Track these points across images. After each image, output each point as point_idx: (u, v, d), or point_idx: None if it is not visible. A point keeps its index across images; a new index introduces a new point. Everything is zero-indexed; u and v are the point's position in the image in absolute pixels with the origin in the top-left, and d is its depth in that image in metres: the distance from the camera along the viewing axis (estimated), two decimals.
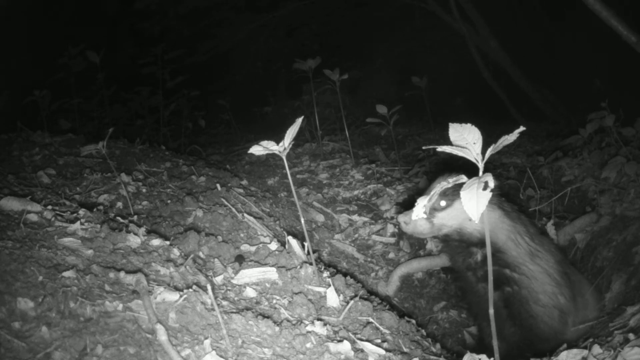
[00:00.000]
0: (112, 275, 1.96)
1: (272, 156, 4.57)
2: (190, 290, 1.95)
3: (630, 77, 5.43)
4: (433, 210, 2.50)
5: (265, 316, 1.98)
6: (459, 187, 2.46)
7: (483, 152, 1.49)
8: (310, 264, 2.37)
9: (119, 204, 2.86)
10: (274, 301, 2.14)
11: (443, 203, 2.49)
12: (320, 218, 3.80)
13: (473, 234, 2.51)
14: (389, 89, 8.04)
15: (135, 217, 2.70)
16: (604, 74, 6.60)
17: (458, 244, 2.60)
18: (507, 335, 2.52)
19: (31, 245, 2.01)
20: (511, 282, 2.49)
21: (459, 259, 2.63)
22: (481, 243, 2.51)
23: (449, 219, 2.49)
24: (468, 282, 2.66)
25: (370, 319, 2.17)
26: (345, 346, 1.90)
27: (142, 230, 2.41)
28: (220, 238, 2.57)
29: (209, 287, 1.80)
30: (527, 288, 2.48)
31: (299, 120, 2.01)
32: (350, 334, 2.03)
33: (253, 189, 3.68)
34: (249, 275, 2.26)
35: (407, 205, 2.91)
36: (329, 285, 2.28)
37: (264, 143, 2.01)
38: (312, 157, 4.89)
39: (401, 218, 2.53)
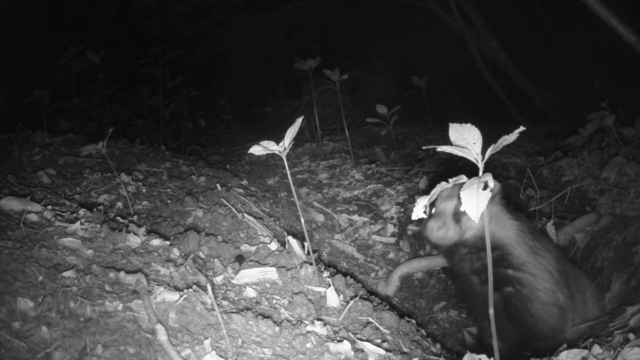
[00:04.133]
0: (112, 275, 1.96)
1: (272, 156, 4.57)
2: (190, 290, 1.95)
3: (630, 77, 5.43)
4: (456, 214, 2.42)
5: (265, 316, 1.98)
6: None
7: (483, 152, 1.49)
8: (310, 264, 2.37)
9: (119, 204, 2.86)
10: (274, 301, 2.14)
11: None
12: (320, 218, 3.80)
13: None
14: (389, 89, 8.05)
15: (135, 217, 2.70)
16: (604, 74, 6.60)
17: (460, 249, 2.57)
18: (506, 335, 2.51)
19: (31, 245, 2.01)
20: (514, 281, 2.48)
21: (465, 265, 2.59)
22: (494, 245, 2.44)
23: (472, 222, 2.37)
24: (470, 284, 2.63)
25: (370, 319, 2.17)
26: (345, 346, 1.90)
27: (142, 230, 2.41)
28: (220, 238, 2.58)
29: (209, 287, 1.80)
30: (528, 286, 2.47)
31: (299, 120, 2.01)
32: (350, 334, 2.03)
33: (253, 189, 3.68)
34: (249, 275, 2.26)
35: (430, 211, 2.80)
36: (329, 285, 2.28)
37: (264, 143, 2.01)
38: (312, 157, 4.89)
39: (432, 224, 2.41)
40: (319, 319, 2.05)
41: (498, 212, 2.53)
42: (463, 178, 1.48)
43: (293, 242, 2.59)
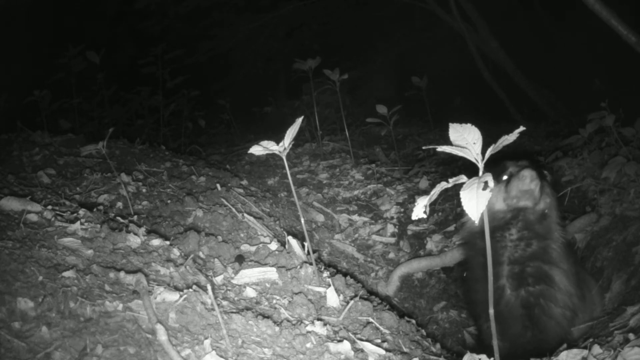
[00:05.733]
0: (112, 275, 1.96)
1: (272, 156, 4.57)
2: (190, 290, 1.95)
3: (630, 77, 5.43)
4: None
5: (265, 316, 1.98)
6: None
7: (483, 152, 1.49)
8: (310, 264, 2.37)
9: (119, 204, 2.86)
10: (274, 301, 2.14)
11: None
12: (320, 218, 3.80)
13: (540, 214, 2.44)
14: (389, 89, 8.04)
15: (135, 217, 2.70)
16: (604, 74, 6.60)
17: (507, 232, 2.47)
18: (512, 335, 2.46)
19: (31, 245, 2.01)
20: (547, 279, 2.41)
21: (505, 253, 2.44)
22: (544, 234, 2.43)
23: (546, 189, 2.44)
24: (495, 276, 2.39)
25: (370, 319, 2.17)
26: (345, 346, 1.90)
27: (142, 230, 2.41)
28: (220, 238, 2.58)
29: (209, 287, 1.80)
30: (556, 286, 2.40)
31: (299, 120, 2.01)
32: (350, 334, 2.03)
33: (253, 189, 3.68)
34: (249, 275, 2.26)
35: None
36: (329, 285, 2.28)
37: (264, 143, 2.01)
38: (312, 157, 4.89)
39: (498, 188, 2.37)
40: (319, 319, 2.05)
41: (553, 197, 2.48)
42: (463, 178, 1.48)
43: (293, 242, 2.59)
